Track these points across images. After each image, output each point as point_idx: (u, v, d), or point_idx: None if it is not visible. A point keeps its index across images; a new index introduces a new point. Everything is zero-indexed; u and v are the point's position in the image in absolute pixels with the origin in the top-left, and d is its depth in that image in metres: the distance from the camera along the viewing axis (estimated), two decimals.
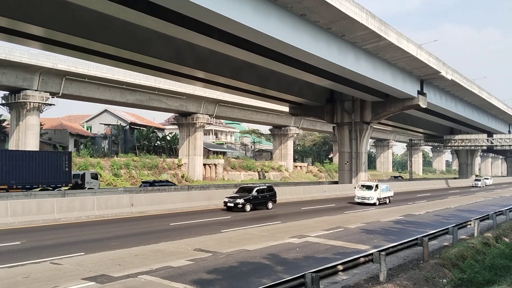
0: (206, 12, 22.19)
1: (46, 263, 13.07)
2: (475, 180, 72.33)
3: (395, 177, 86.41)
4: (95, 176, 40.57)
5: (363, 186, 34.50)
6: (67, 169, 36.76)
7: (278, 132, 79.93)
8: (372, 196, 33.17)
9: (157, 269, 12.46)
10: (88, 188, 37.69)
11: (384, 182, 52.55)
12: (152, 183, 41.89)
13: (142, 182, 45.59)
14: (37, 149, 45.07)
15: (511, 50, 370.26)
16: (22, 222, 20.18)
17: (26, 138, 44.42)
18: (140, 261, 13.37)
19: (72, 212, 22.29)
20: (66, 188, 36.45)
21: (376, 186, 34.01)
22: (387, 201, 34.78)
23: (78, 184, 38.03)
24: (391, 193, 36.04)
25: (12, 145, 45.06)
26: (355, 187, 35.84)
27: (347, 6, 27.12)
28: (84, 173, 39.67)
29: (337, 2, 26.03)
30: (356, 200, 33.64)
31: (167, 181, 47.69)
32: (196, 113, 60.84)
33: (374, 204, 32.74)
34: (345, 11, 27.04)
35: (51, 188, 35.40)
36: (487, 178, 77.77)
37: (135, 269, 12.35)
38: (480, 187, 67.54)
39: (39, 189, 34.89)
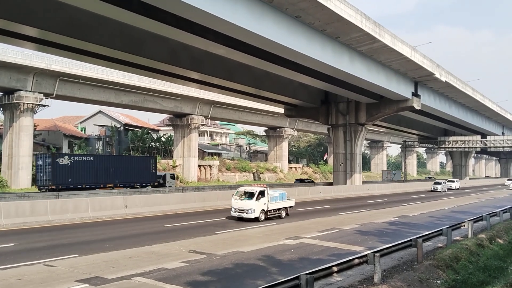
0: (201, 13, 22.19)
1: (40, 265, 12.99)
2: (434, 183, 58.88)
3: (301, 180, 66.67)
4: (173, 177, 48.98)
5: (244, 193, 23.89)
6: (153, 170, 45.38)
7: (273, 134, 79.97)
8: (253, 207, 22.84)
9: (151, 271, 12.42)
10: (168, 187, 45.04)
11: (285, 187, 44.03)
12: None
13: None
14: (30, 150, 44.88)
15: (504, 51, 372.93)
16: (15, 223, 20.04)
17: (19, 139, 44.17)
18: (134, 263, 13.31)
19: (65, 213, 22.16)
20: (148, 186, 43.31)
21: (261, 193, 23.39)
22: (282, 214, 24.81)
23: (160, 183, 45.19)
24: (289, 203, 25.93)
25: (5, 147, 44.79)
26: (233, 195, 24.47)
27: (341, 8, 27.20)
28: (165, 174, 47.90)
29: (331, 4, 26.10)
30: (233, 213, 23.43)
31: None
32: (191, 114, 60.75)
33: (256, 220, 22.84)
34: (340, 13, 27.11)
35: (139, 186, 42.42)
36: (452, 181, 65.84)
37: (129, 271, 12.30)
38: (441, 191, 55.36)
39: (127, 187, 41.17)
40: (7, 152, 44.52)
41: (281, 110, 57.48)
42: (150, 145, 70.45)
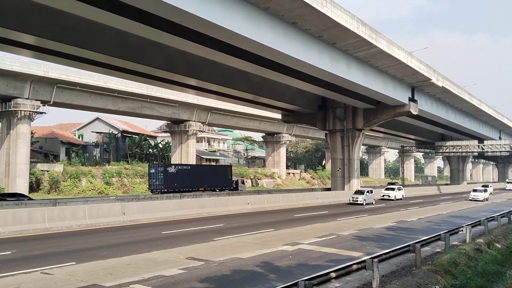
0: (198, 20, 22.27)
1: (37, 273, 12.92)
2: (355, 192, 42.46)
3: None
4: (242, 182, 57.52)
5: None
6: (230, 177, 53.09)
7: (270, 139, 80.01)
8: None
9: (149, 278, 12.37)
10: (240, 190, 52.90)
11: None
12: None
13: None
14: (27, 157, 44.78)
15: (500, 56, 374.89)
16: (12, 231, 19.96)
17: (16, 147, 44.07)
18: (132, 270, 13.26)
19: (63, 221, 22.08)
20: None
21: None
22: None
23: (234, 187, 52.62)
24: None
25: (2, 154, 44.67)
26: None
27: (338, 14, 27.33)
28: (237, 180, 55.43)
29: (328, 10, 26.23)
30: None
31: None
32: (189, 120, 60.78)
33: None
34: (336, 19, 27.24)
35: (218, 190, 49.59)
36: (391, 189, 49.86)
37: (127, 278, 12.25)
38: (362, 204, 39.71)
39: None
40: (4, 159, 44.39)
41: (278, 116, 57.58)
42: (148, 152, 70.39)
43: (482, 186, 64.22)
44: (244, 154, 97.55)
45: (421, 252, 14.37)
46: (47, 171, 47.21)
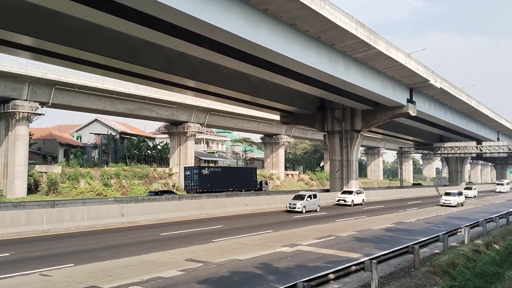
0: (196, 21, 22.28)
1: (35, 274, 12.91)
2: (294, 198, 34.80)
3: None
4: (266, 183, 61.47)
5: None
6: (255, 178, 56.63)
7: (269, 141, 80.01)
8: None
9: (147, 280, 12.37)
10: (264, 190, 57.05)
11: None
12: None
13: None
14: (25, 159, 44.71)
15: (499, 58, 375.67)
16: (10, 233, 19.93)
17: (15, 148, 44.02)
18: (131, 272, 13.26)
19: (61, 223, 22.06)
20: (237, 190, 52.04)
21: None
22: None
23: (258, 188, 56.01)
24: None
25: (1, 156, 44.60)
26: None
27: (336, 16, 27.36)
28: (261, 181, 59.33)
29: (326, 11, 26.27)
30: None
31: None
32: (187, 122, 60.75)
33: None
34: (335, 20, 27.28)
35: (244, 190, 52.54)
36: (349, 192, 42.62)
37: (125, 280, 12.24)
38: (301, 211, 32.78)
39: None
40: (2, 161, 44.33)
41: (277, 117, 57.58)
42: (146, 153, 70.33)
43: (465, 189, 58.42)
44: (242, 155, 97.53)
45: (419, 253, 14.40)
46: (46, 172, 47.15)
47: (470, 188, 61.39)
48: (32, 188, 45.90)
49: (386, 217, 31.11)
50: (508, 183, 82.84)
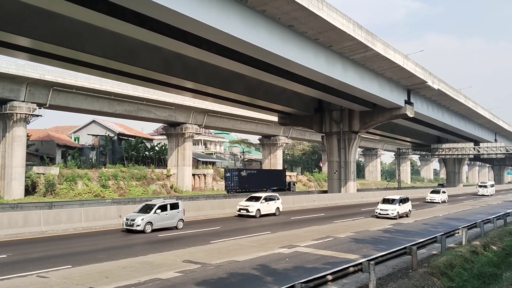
0: (194, 23, 22.31)
1: (33, 276, 12.88)
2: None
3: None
4: (294, 184, 66.05)
5: None
6: (284, 179, 61.53)
7: (267, 142, 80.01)
8: None
9: (145, 281, 12.34)
10: (292, 190, 60.86)
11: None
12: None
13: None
14: (23, 160, 44.58)
15: (495, 59, 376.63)
16: (8, 234, 19.86)
17: (12, 150, 43.90)
18: (128, 274, 13.23)
19: (59, 224, 22.00)
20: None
21: None
22: None
23: (287, 188, 59.76)
24: None
25: None
26: None
27: (334, 17, 27.42)
28: (290, 182, 63.48)
29: (324, 13, 26.31)
30: None
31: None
32: (185, 123, 60.71)
33: None
34: (333, 22, 27.33)
35: (274, 188, 55.25)
36: (257, 199, 31.17)
37: (123, 282, 12.22)
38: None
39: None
40: (0, 162, 44.23)
41: (275, 118, 57.61)
42: (144, 155, 70.23)
43: (432, 192, 49.70)
44: (240, 156, 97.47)
45: (417, 254, 14.40)
46: (43, 174, 47.03)
47: (437, 192, 49.77)
48: (30, 189, 45.78)
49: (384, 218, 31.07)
50: (492, 185, 72.28)
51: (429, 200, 48.49)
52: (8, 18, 23.05)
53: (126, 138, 71.91)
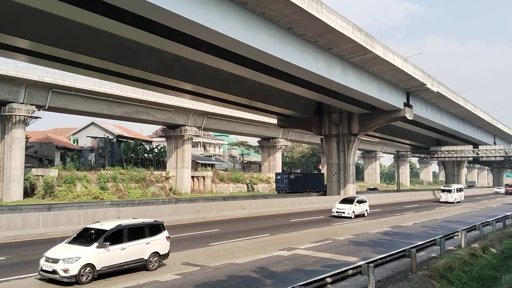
0: (194, 25, 22.31)
1: (31, 278, 12.86)
2: None
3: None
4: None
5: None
6: (323, 182, 63.78)
7: (266, 144, 80.00)
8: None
9: (144, 283, 12.32)
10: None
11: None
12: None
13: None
14: (22, 162, 44.51)
15: (494, 62, 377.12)
16: (6, 237, 19.83)
17: (11, 152, 43.84)
18: (127, 276, 13.19)
19: (57, 226, 21.97)
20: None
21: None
22: None
23: (324, 190, 59.00)
24: None
25: None
26: None
27: (333, 20, 27.44)
28: (327, 184, 60.99)
29: (323, 15, 26.33)
30: None
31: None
32: (184, 125, 60.70)
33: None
34: (332, 24, 27.35)
35: (315, 192, 59.36)
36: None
37: (122, 284, 12.20)
38: None
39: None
40: None
41: (274, 120, 57.58)
42: (143, 157, 70.19)
43: (348, 200, 34.63)
44: (240, 159, 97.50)
45: (416, 257, 14.39)
46: (42, 176, 46.96)
47: (360, 201, 34.87)
48: (28, 191, 45.70)
49: (383, 220, 31.11)
50: (460, 189, 58.61)
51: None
52: (8, 19, 23.04)
53: (125, 140, 71.88)
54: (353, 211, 32.86)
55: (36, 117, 46.05)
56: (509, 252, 18.29)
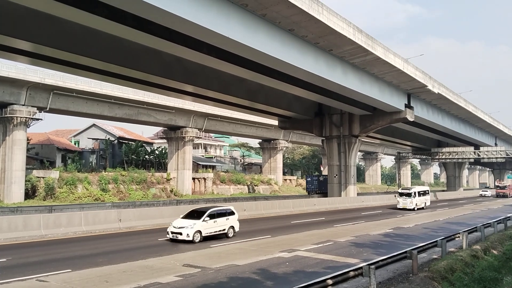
0: (194, 26, 22.34)
1: (32, 280, 12.85)
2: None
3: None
4: None
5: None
6: None
7: (267, 146, 79.98)
8: None
9: (145, 285, 12.31)
10: None
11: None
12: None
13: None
14: (23, 164, 44.53)
15: (495, 63, 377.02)
16: (7, 238, 19.83)
17: (12, 153, 43.88)
18: (128, 278, 13.19)
19: (59, 228, 21.96)
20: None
21: None
22: None
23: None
24: None
25: None
26: None
27: (334, 21, 27.45)
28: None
29: (324, 17, 26.34)
30: None
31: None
32: (185, 127, 60.72)
33: None
34: (333, 26, 27.36)
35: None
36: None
37: (122, 286, 12.19)
38: None
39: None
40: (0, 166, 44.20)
41: (275, 122, 57.57)
42: (144, 158, 70.21)
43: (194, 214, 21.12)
44: (241, 160, 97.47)
45: (418, 258, 14.37)
46: (43, 177, 46.99)
47: (205, 216, 21.46)
48: (30, 193, 45.73)
49: (384, 222, 31.06)
50: (424, 192, 47.04)
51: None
52: (9, 21, 23.08)
53: (126, 141, 71.90)
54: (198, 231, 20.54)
55: (37, 119, 46.11)
56: (511, 253, 18.25)
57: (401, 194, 44.51)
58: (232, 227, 22.46)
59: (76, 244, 19.56)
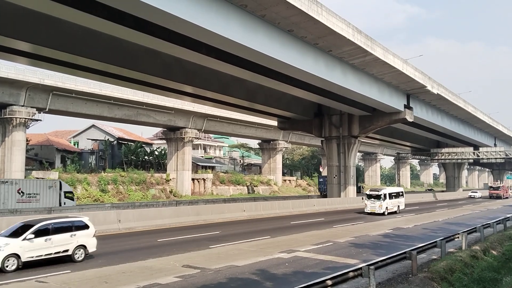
0: (194, 27, 22.35)
1: (32, 281, 12.84)
2: None
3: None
4: (362, 187, 76.87)
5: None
6: (358, 184, 66.56)
7: (266, 146, 79.98)
8: None
9: (144, 286, 12.30)
10: (361, 192, 64.88)
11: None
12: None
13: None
14: (22, 165, 44.50)
15: (494, 63, 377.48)
16: None
17: (12, 154, 43.85)
18: (127, 278, 13.18)
19: None
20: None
21: None
22: None
23: (357, 191, 60.47)
24: None
25: None
26: None
27: (333, 22, 27.47)
28: (360, 186, 72.13)
29: (323, 18, 26.36)
30: None
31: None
32: (185, 127, 60.70)
33: None
34: (332, 26, 27.38)
35: None
36: None
37: (122, 287, 12.18)
38: None
39: None
40: None
41: (274, 123, 57.59)
42: (144, 159, 70.19)
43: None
44: (240, 161, 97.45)
45: (417, 259, 14.37)
46: (42, 178, 46.95)
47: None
48: None
49: (383, 223, 31.06)
50: (398, 194, 40.70)
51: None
52: (8, 22, 23.07)
53: (125, 142, 71.88)
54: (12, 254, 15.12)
55: (37, 120, 46.09)
56: (510, 254, 18.27)
57: (369, 197, 37.72)
58: (83, 246, 15.99)
59: None
